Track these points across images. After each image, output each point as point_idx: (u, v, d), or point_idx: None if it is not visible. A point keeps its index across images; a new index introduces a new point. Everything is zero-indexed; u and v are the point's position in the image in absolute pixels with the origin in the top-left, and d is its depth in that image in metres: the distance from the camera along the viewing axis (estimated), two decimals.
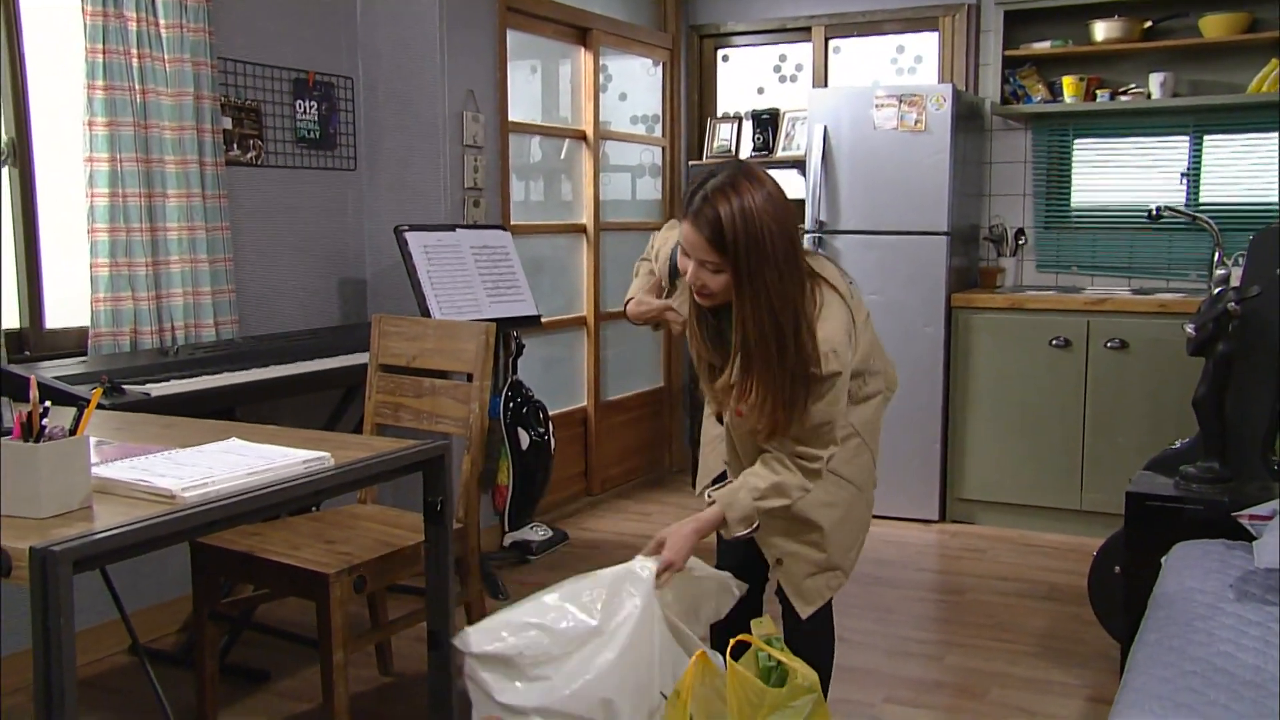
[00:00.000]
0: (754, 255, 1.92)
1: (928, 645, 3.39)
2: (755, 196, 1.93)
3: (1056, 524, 4.56)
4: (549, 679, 1.99)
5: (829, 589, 2.32)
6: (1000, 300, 4.61)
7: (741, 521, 2.13)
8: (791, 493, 2.11)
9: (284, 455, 1.97)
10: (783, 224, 1.96)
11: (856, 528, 2.34)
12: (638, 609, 2.03)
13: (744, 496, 2.12)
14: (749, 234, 1.91)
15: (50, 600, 1.51)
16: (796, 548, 2.27)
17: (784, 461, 2.11)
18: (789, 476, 2.10)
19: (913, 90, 4.62)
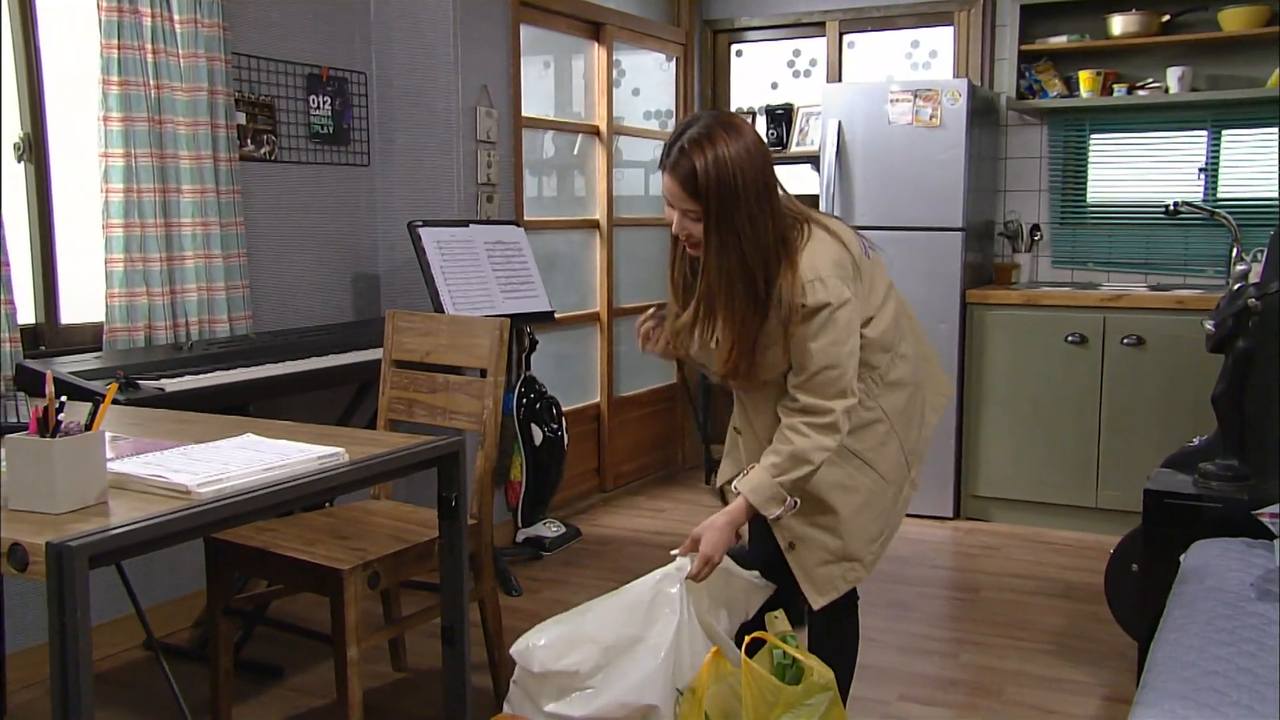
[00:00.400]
0: (726, 200, 1.96)
1: (943, 643, 3.38)
2: (730, 144, 1.97)
3: (1072, 521, 4.54)
4: (594, 689, 1.99)
5: (844, 581, 2.25)
6: (1015, 296, 4.58)
7: (771, 501, 2.07)
8: (813, 456, 2.05)
9: (299, 451, 1.96)
10: (757, 170, 1.99)
11: (879, 519, 2.25)
12: (676, 612, 2.01)
13: (763, 476, 2.08)
14: (720, 180, 1.95)
15: (66, 595, 1.50)
16: (810, 532, 2.21)
17: (795, 428, 2.06)
18: (804, 441, 2.05)
19: (928, 85, 4.59)
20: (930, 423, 2.37)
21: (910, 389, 2.29)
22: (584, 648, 2.01)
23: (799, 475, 2.06)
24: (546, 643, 2.03)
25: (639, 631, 2.02)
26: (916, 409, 2.31)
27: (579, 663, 2.00)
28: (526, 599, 3.74)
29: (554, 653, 2.01)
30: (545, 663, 2.01)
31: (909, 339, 2.31)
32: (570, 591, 3.78)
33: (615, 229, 5.13)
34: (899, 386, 2.25)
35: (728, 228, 1.98)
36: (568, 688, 2.01)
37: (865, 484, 2.22)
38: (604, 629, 2.03)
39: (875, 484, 2.23)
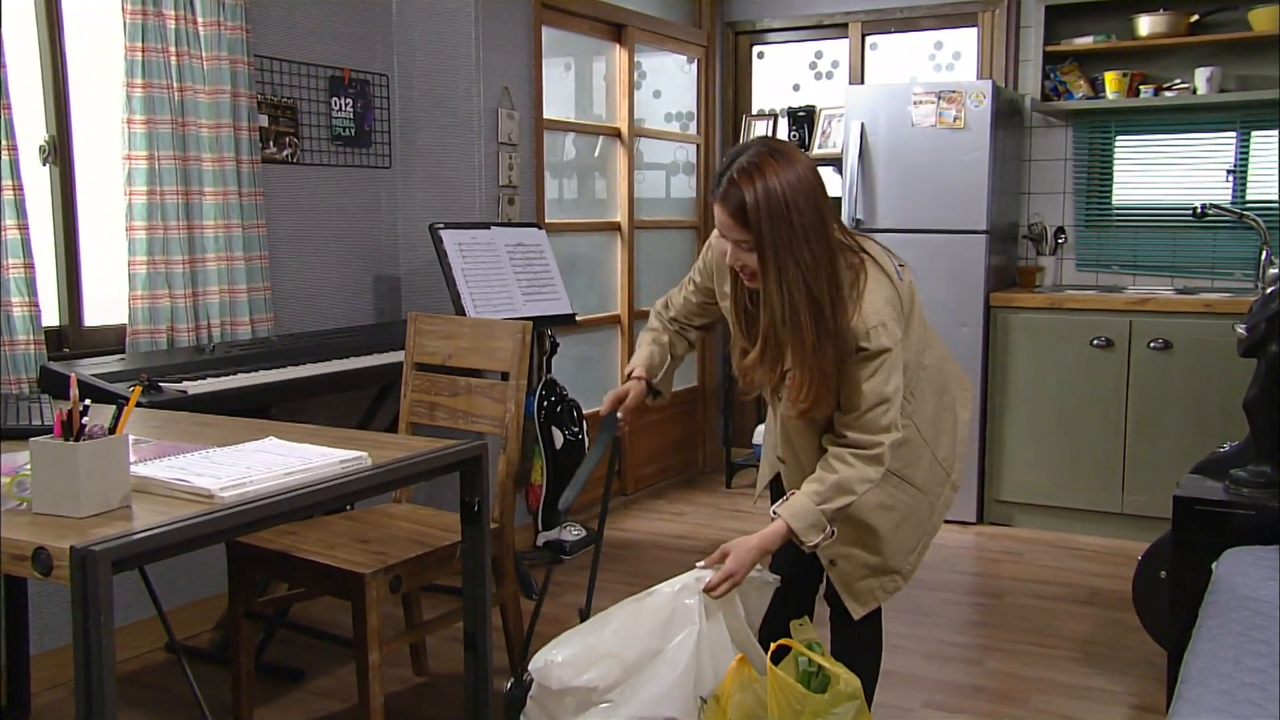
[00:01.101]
0: (780, 231, 1.92)
1: (967, 649, 3.34)
2: (781, 173, 1.92)
3: (1097, 527, 4.49)
4: (613, 703, 1.97)
5: (884, 591, 2.27)
6: (1040, 300, 4.54)
7: (811, 529, 2.04)
8: (856, 487, 2.04)
9: (321, 455, 1.95)
10: (810, 199, 1.94)
11: (917, 531, 2.27)
12: (695, 623, 1.98)
13: (806, 503, 2.04)
14: (772, 209, 1.91)
15: (90, 600, 1.50)
16: (850, 550, 2.22)
17: (842, 457, 2.04)
18: (849, 471, 2.03)
19: (952, 87, 4.56)
20: (963, 419, 2.36)
21: (935, 397, 2.28)
22: (602, 663, 1.98)
23: (841, 504, 2.05)
24: (564, 659, 2.00)
25: (658, 644, 1.99)
26: (947, 414, 2.30)
27: (598, 678, 1.97)
28: (547, 603, 3.71)
29: (572, 669, 1.98)
30: (563, 679, 1.98)
31: (931, 347, 2.29)
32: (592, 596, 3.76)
33: (636, 231, 5.11)
34: (925, 398, 2.25)
35: (785, 258, 1.93)
36: (586, 703, 1.99)
37: (904, 500, 2.23)
38: (622, 642, 2.00)
39: (913, 498, 2.24)
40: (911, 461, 2.22)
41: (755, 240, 1.94)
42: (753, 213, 1.91)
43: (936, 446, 2.27)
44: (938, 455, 2.27)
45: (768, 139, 2.04)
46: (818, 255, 1.94)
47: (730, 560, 2.06)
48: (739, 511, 4.85)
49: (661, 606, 2.03)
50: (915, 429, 2.23)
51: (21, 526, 1.62)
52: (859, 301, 2.00)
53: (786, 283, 1.94)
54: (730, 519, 4.75)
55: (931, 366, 2.27)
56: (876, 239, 2.18)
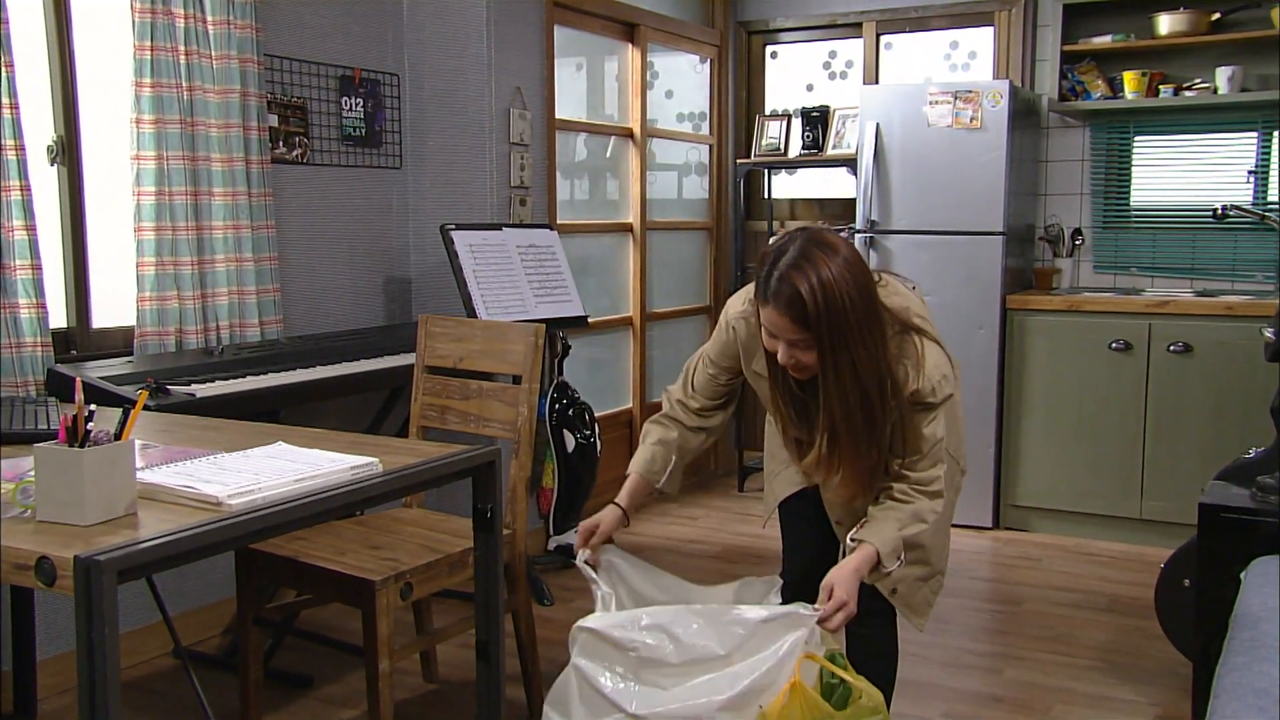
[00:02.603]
0: (838, 327, 1.88)
1: (985, 658, 3.29)
2: (831, 266, 1.88)
3: (1115, 533, 4.43)
4: (661, 689, 1.91)
5: (933, 594, 2.28)
6: (1057, 302, 4.49)
7: (892, 555, 2.07)
8: (927, 517, 2.09)
9: (331, 461, 1.91)
10: (862, 289, 1.91)
11: (946, 528, 2.31)
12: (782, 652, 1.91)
13: (889, 530, 2.06)
14: (830, 307, 1.87)
15: (94, 611, 1.46)
16: (904, 571, 2.20)
17: (907, 493, 2.09)
18: (922, 502, 2.08)
19: (968, 86, 4.50)
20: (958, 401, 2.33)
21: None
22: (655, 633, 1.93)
23: (915, 532, 2.08)
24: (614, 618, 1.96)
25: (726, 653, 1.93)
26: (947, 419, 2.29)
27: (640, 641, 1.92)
28: (559, 609, 3.68)
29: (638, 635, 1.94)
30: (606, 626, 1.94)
31: None
32: None
33: (648, 232, 5.07)
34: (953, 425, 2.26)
35: (844, 355, 1.90)
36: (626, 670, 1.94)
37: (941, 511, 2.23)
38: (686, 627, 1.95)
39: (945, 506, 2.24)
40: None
41: (815, 339, 1.90)
42: (812, 313, 1.87)
43: (951, 444, 2.26)
44: (952, 451, 2.27)
45: (809, 230, 1.98)
46: (871, 345, 1.93)
47: (840, 590, 2.01)
48: (751, 515, 4.80)
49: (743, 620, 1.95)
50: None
51: (25, 535, 1.58)
52: (921, 366, 2.01)
53: (846, 379, 1.92)
54: (742, 523, 4.70)
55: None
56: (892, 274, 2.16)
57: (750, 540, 4.42)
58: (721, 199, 5.59)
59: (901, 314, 2.04)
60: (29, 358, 2.85)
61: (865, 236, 4.71)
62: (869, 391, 1.94)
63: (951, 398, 2.09)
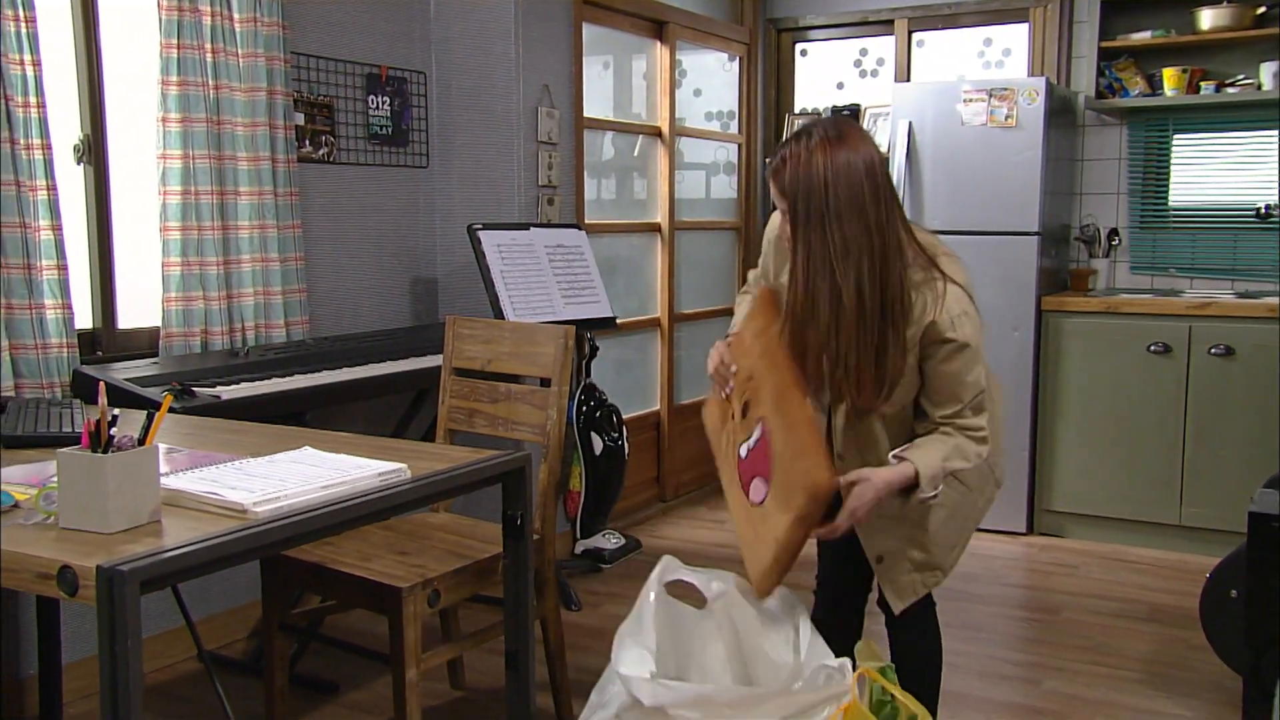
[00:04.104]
0: (813, 202, 1.91)
1: (1023, 668, 3.21)
2: (832, 152, 1.91)
3: (1153, 539, 4.34)
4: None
5: (924, 586, 2.22)
6: (1094, 303, 4.40)
7: (931, 481, 2.00)
8: (970, 457, 2.03)
9: (359, 467, 1.87)
10: (851, 185, 1.90)
11: (961, 527, 2.23)
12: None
13: (934, 455, 1.99)
14: (808, 180, 1.91)
15: (117, 622, 1.41)
16: (898, 545, 2.18)
17: (951, 431, 2.02)
18: (965, 442, 2.02)
19: (1004, 84, 4.42)
20: (998, 415, 2.26)
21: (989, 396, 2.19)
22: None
23: (958, 467, 2.03)
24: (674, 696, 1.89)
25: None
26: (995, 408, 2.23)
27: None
28: (586, 614, 3.63)
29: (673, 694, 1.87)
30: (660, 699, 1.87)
31: None
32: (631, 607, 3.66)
33: (677, 232, 5.01)
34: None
35: (812, 235, 1.91)
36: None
37: (952, 497, 2.17)
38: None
39: (960, 495, 2.19)
40: None
41: (790, 211, 1.95)
42: (789, 181, 1.93)
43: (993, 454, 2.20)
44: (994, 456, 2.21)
45: (840, 119, 2.01)
46: (849, 241, 1.90)
47: (854, 498, 1.96)
48: None
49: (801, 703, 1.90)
50: None
51: (48, 542, 1.54)
52: (941, 299, 1.96)
53: (815, 261, 1.92)
54: None
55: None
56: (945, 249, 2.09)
57: None
58: (750, 198, 5.52)
59: (928, 249, 2.01)
60: (54, 359, 2.82)
61: None
62: (833, 281, 1.90)
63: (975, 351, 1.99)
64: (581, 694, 2.90)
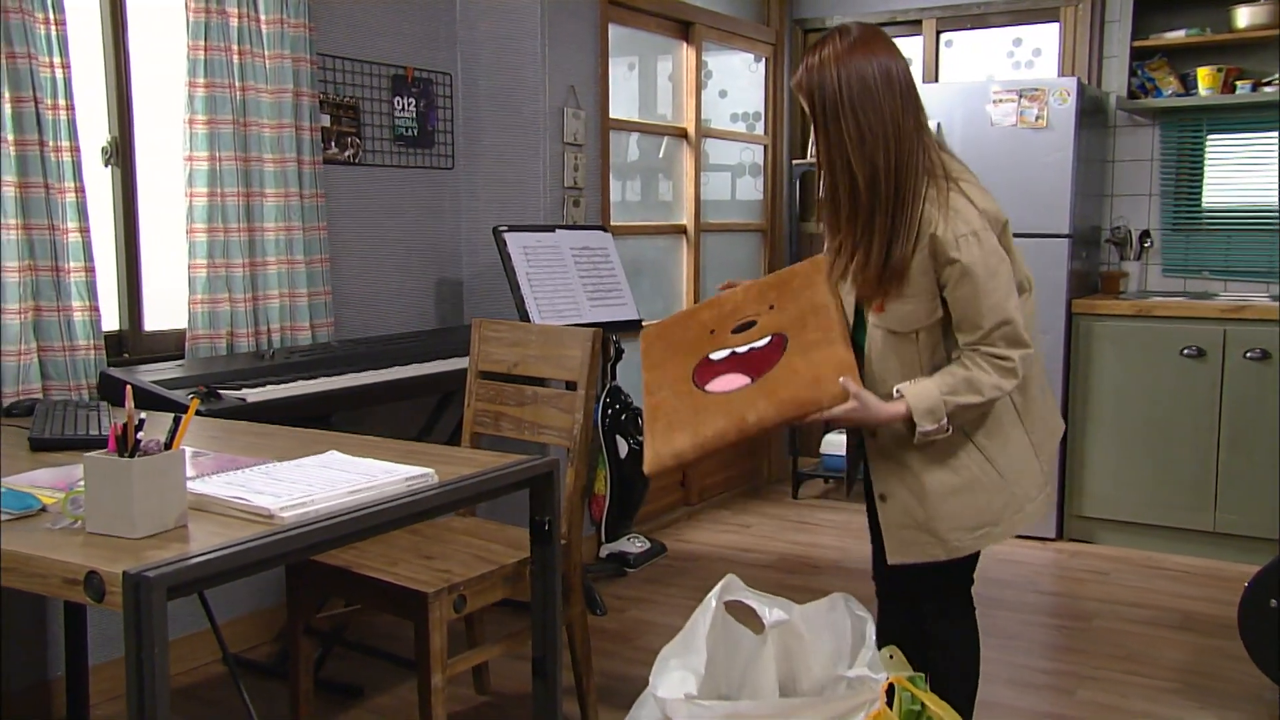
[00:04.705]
0: (830, 100, 1.97)
1: (1055, 676, 3.16)
2: (851, 53, 1.97)
3: (1186, 546, 4.27)
4: None
5: (920, 550, 2.13)
6: (1125, 306, 4.33)
7: (930, 414, 1.97)
8: (984, 388, 1.97)
9: (386, 471, 1.85)
10: (860, 72, 1.96)
11: (978, 509, 2.10)
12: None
13: (930, 387, 1.98)
14: (824, 79, 1.97)
15: (144, 628, 1.40)
16: (900, 490, 2.13)
17: (974, 360, 1.98)
18: (981, 373, 1.97)
19: (1034, 84, 4.36)
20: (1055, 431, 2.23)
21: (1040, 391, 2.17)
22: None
23: (965, 402, 1.98)
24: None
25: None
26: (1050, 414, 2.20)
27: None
28: (612, 619, 3.60)
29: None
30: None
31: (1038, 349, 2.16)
32: (657, 612, 3.64)
33: (702, 234, 4.98)
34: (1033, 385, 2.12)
35: (835, 129, 1.97)
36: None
37: (972, 471, 2.09)
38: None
39: (984, 474, 2.09)
40: (995, 434, 2.08)
41: (810, 109, 2.01)
42: (805, 82, 2.00)
43: (1035, 435, 2.13)
44: (1036, 450, 2.13)
45: (862, 24, 2.06)
46: (864, 130, 1.95)
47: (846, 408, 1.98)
48: (805, 524, 4.69)
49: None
50: (1010, 404, 2.09)
51: (74, 548, 1.53)
52: (945, 210, 1.96)
53: (830, 151, 1.99)
54: (797, 531, 4.59)
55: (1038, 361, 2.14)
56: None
57: (805, 549, 4.32)
58: (776, 200, 5.49)
59: (952, 171, 2.04)
60: (82, 360, 2.82)
61: None
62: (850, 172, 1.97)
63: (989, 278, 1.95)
64: (606, 700, 2.88)
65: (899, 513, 2.14)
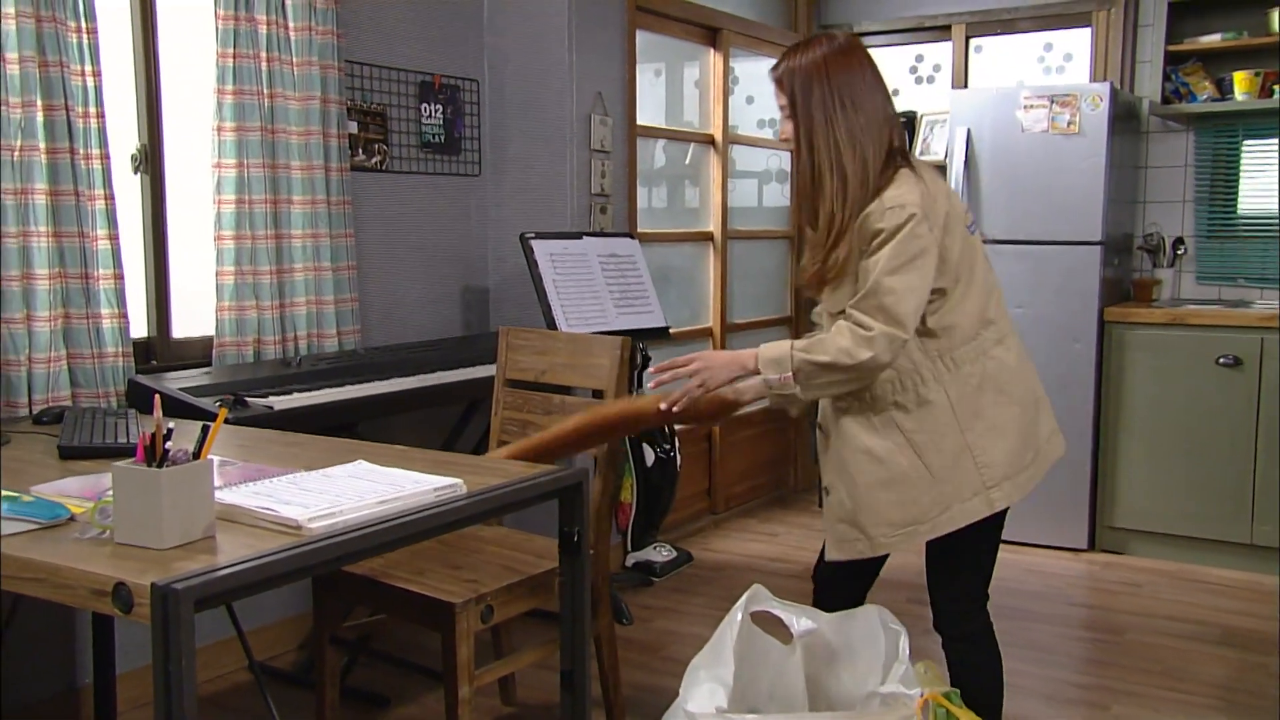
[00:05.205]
0: (801, 93, 2.05)
1: (1090, 691, 3.11)
2: (824, 52, 2.07)
3: (1222, 558, 4.20)
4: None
5: (847, 545, 2.20)
6: (1159, 314, 4.27)
7: (773, 363, 2.07)
8: (831, 349, 2.03)
9: (414, 482, 1.83)
10: (845, 78, 2.06)
11: (905, 507, 2.11)
12: None
13: (784, 343, 2.10)
14: (804, 74, 2.06)
15: (172, 641, 1.39)
16: (838, 483, 2.20)
17: (837, 328, 2.06)
18: (836, 336, 2.04)
19: (1066, 90, 4.31)
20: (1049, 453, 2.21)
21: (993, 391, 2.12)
22: None
23: (811, 359, 2.05)
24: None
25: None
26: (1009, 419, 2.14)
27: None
28: (638, 628, 3.57)
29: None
30: None
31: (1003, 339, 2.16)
32: (684, 621, 3.61)
33: (729, 241, 4.95)
34: (968, 377, 2.10)
35: (812, 123, 2.05)
36: None
37: (900, 466, 2.11)
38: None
39: (915, 472, 2.10)
40: (928, 430, 2.09)
41: (790, 107, 2.07)
42: (786, 76, 2.08)
43: (973, 437, 2.10)
44: (972, 450, 2.10)
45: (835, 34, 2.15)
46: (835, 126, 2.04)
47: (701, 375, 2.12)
48: None
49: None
50: (946, 400, 2.09)
51: (103, 558, 1.52)
52: (882, 191, 2.02)
53: (811, 147, 2.06)
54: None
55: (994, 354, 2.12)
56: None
57: None
58: None
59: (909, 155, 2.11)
60: (110, 368, 2.82)
61: None
62: (817, 159, 2.05)
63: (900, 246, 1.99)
64: (634, 711, 2.85)
65: (836, 506, 2.21)
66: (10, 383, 2.64)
